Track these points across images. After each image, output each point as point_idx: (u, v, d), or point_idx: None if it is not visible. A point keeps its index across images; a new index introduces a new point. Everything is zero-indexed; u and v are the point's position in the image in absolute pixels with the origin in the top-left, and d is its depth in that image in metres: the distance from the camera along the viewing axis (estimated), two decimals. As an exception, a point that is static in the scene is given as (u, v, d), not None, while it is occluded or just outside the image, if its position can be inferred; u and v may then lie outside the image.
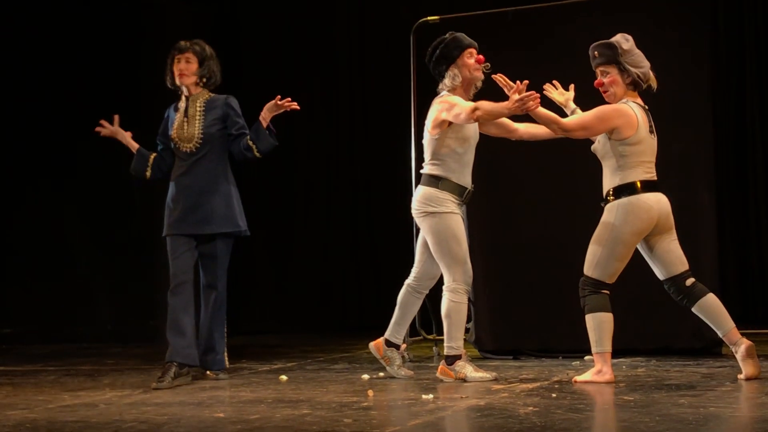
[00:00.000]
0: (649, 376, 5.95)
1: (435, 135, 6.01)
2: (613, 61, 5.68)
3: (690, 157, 6.81)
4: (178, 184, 6.34)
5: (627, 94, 5.71)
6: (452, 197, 5.98)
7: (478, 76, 6.04)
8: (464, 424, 4.63)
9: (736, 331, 5.63)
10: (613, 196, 5.64)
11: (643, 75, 5.68)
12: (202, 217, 6.28)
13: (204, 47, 6.41)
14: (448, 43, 6.07)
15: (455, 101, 5.92)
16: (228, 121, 6.38)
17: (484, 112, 5.80)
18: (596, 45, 5.74)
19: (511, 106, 5.69)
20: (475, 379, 5.88)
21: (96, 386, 6.21)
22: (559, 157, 7.08)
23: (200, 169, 6.32)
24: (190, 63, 6.36)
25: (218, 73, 6.46)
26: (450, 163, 6.00)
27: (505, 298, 7.27)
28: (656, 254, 5.70)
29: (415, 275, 6.25)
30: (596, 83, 5.75)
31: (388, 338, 6.31)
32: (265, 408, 5.04)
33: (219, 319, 6.42)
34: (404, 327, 6.32)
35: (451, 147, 5.98)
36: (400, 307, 6.29)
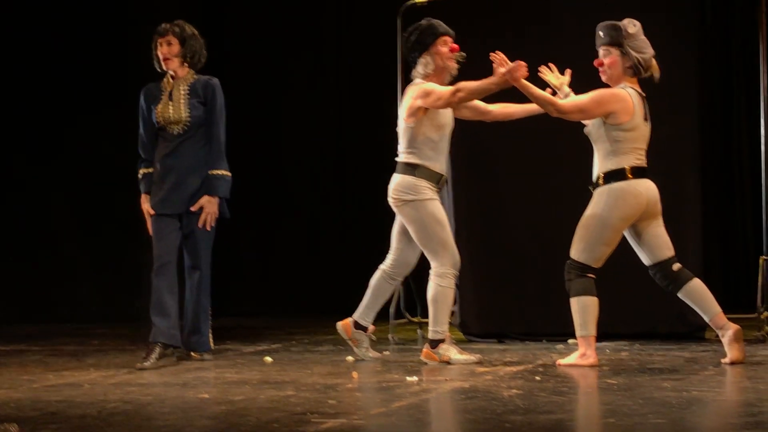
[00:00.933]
0: (632, 359, 5.98)
1: (411, 123, 5.99)
2: (615, 43, 5.67)
3: (676, 141, 6.82)
4: (164, 165, 6.31)
5: (625, 79, 5.70)
6: (429, 184, 5.97)
7: (450, 65, 6.01)
8: (448, 407, 4.65)
9: (722, 315, 5.66)
10: (604, 181, 5.65)
11: (644, 61, 5.67)
12: (186, 196, 6.26)
13: (184, 27, 6.35)
14: (423, 30, 6.05)
15: (431, 88, 5.90)
16: (206, 107, 6.33)
17: (468, 92, 5.79)
18: (602, 25, 5.73)
19: (498, 79, 5.68)
20: (459, 361, 5.89)
21: (80, 366, 6.20)
22: (545, 143, 7.10)
23: (186, 150, 6.30)
24: (172, 45, 6.31)
25: (202, 52, 6.41)
26: (426, 150, 5.98)
27: (490, 282, 7.28)
28: (643, 240, 5.71)
29: (391, 262, 6.24)
30: (596, 62, 5.75)
31: (357, 320, 6.29)
32: (250, 389, 5.04)
33: (204, 300, 6.40)
34: (374, 311, 6.31)
35: (427, 135, 5.97)
36: (372, 292, 6.27)
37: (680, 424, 3.95)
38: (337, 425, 4.05)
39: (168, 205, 6.28)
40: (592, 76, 5.98)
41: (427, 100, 5.88)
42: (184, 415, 4.39)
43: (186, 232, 6.33)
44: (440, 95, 5.84)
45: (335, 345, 7.07)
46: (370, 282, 6.26)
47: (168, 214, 6.28)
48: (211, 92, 6.34)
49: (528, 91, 5.69)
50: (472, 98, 5.91)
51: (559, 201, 6.98)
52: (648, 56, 5.69)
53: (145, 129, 6.40)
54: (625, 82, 5.70)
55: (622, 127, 5.60)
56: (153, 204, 6.31)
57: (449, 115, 6.06)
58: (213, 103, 6.34)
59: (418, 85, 5.99)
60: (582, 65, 6.14)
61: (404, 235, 6.14)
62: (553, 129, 6.83)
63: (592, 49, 6.03)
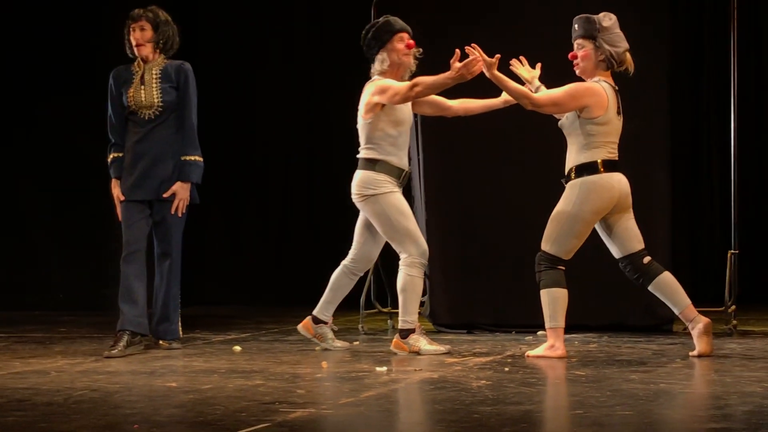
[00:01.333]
0: (600, 351, 6.00)
1: (368, 119, 6.01)
2: (589, 36, 5.68)
3: (646, 135, 6.85)
4: (134, 151, 6.26)
5: (598, 72, 5.71)
6: (389, 179, 5.99)
7: (406, 61, 6.03)
8: (417, 397, 4.65)
9: (692, 308, 5.69)
10: (576, 174, 5.66)
11: (617, 55, 5.68)
12: (157, 182, 6.23)
13: (158, 13, 6.31)
14: (379, 27, 6.09)
15: (388, 84, 5.94)
16: (178, 92, 6.29)
17: (425, 86, 5.83)
18: (577, 18, 5.75)
19: (455, 74, 5.72)
20: (428, 352, 5.90)
21: (47, 354, 6.17)
22: (516, 135, 7.11)
23: (157, 136, 6.25)
24: (145, 31, 6.27)
25: (175, 38, 6.36)
26: (385, 146, 6.00)
27: (460, 273, 7.28)
28: (614, 233, 5.73)
29: (353, 257, 6.25)
30: (570, 55, 5.77)
31: (316, 315, 6.29)
32: (218, 378, 5.03)
33: (173, 288, 6.37)
34: (334, 306, 6.32)
35: (385, 130, 5.99)
36: (332, 288, 6.27)
37: (648, 416, 3.97)
38: (306, 415, 4.05)
39: (138, 192, 6.24)
40: (561, 69, 6.00)
41: (383, 96, 5.91)
42: (151, 404, 4.37)
43: (157, 218, 6.30)
44: (397, 90, 5.87)
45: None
46: (332, 278, 6.28)
47: (138, 200, 6.24)
48: (184, 76, 6.30)
49: (503, 84, 5.70)
50: (430, 93, 5.94)
51: (529, 193, 7.00)
52: (621, 50, 5.70)
53: (115, 112, 6.35)
54: (598, 76, 5.71)
55: (596, 121, 5.62)
56: (123, 190, 6.27)
57: (407, 110, 6.08)
58: (185, 88, 6.30)
59: (375, 82, 6.03)
60: (550, 58, 6.16)
61: (366, 230, 6.17)
62: (524, 121, 6.84)
63: (561, 43, 6.04)
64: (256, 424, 3.83)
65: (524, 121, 6.78)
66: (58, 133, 9.70)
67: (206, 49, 10.32)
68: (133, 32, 6.29)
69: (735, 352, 5.90)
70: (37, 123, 9.82)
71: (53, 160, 9.80)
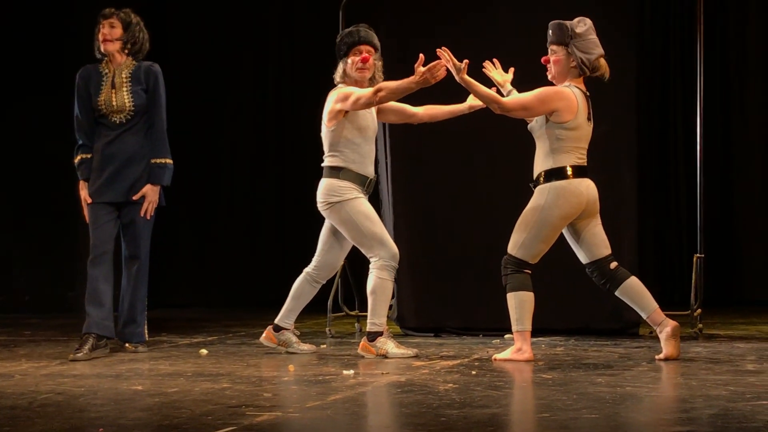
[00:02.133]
0: (567, 355, 6.02)
1: (331, 127, 6.02)
2: (561, 42, 5.69)
3: (613, 139, 6.87)
4: (103, 153, 6.23)
5: (570, 78, 5.72)
6: (354, 185, 5.99)
7: (355, 75, 6.06)
8: (384, 400, 4.65)
9: (659, 312, 5.71)
10: (544, 179, 5.67)
11: (587, 61, 5.68)
12: (126, 185, 6.20)
13: (129, 14, 6.30)
14: (342, 37, 6.17)
15: (350, 91, 5.96)
16: (148, 95, 6.27)
17: (389, 91, 5.84)
18: (552, 23, 5.75)
19: (418, 78, 5.74)
20: (396, 355, 5.90)
21: (12, 357, 6.12)
22: (483, 140, 7.12)
23: (127, 139, 6.22)
24: (114, 28, 6.24)
25: (145, 43, 6.34)
26: (348, 153, 6.01)
27: (428, 276, 7.29)
28: (581, 238, 5.75)
29: (316, 264, 6.25)
30: (543, 59, 5.77)
31: (277, 323, 6.27)
32: (185, 381, 5.01)
33: (141, 291, 6.34)
34: (295, 313, 6.29)
35: (348, 138, 6.00)
36: (293, 296, 6.25)
37: (614, 419, 3.98)
38: (272, 418, 4.04)
39: (107, 194, 6.20)
40: (533, 73, 6.01)
41: (346, 102, 5.93)
42: (116, 407, 4.35)
43: (125, 221, 6.26)
44: (359, 96, 5.89)
45: (271, 338, 7.02)
46: (293, 286, 6.26)
47: (106, 202, 6.21)
48: (154, 78, 6.28)
49: (472, 88, 5.70)
50: (393, 97, 5.94)
51: (496, 197, 7.02)
52: (594, 56, 5.70)
53: (84, 113, 6.30)
54: (570, 81, 5.71)
55: (565, 126, 5.62)
56: (91, 192, 6.23)
57: (371, 117, 6.09)
58: (155, 90, 6.28)
59: (337, 89, 6.06)
60: (522, 61, 6.18)
61: (331, 237, 6.17)
62: (491, 127, 6.85)
63: (533, 46, 6.06)
64: (223, 428, 3.81)
65: (491, 125, 6.79)
66: (23, 133, 9.63)
67: (176, 52, 10.28)
68: (102, 28, 6.26)
69: (701, 355, 5.93)
70: (1, 123, 9.75)
71: (18, 161, 9.73)
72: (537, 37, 6.02)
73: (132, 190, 6.21)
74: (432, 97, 6.22)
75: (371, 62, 6.07)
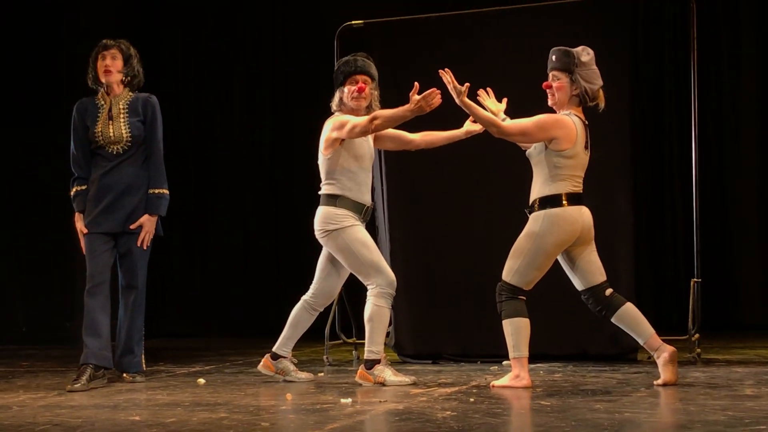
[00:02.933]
0: (565, 381, 6.01)
1: (327, 155, 6.05)
2: (566, 69, 5.69)
3: (608, 164, 6.88)
4: (100, 183, 6.24)
5: (570, 106, 5.73)
6: (351, 213, 6.01)
7: (351, 104, 6.09)
8: (383, 428, 4.63)
9: (656, 337, 5.70)
10: (539, 206, 5.67)
11: (590, 91, 5.69)
12: (123, 215, 6.21)
13: (129, 46, 6.36)
14: (339, 66, 6.20)
15: (346, 119, 5.99)
16: (145, 126, 6.29)
17: (384, 119, 5.86)
18: (556, 49, 5.75)
19: (413, 107, 5.76)
20: (394, 383, 5.89)
21: (9, 388, 6.11)
22: (480, 166, 7.14)
23: (124, 170, 6.24)
24: (116, 60, 6.29)
25: (141, 76, 6.39)
26: (345, 181, 6.03)
27: (425, 303, 7.29)
28: (576, 265, 5.75)
29: (313, 292, 6.25)
30: (544, 84, 5.77)
31: (275, 351, 6.27)
32: (182, 411, 5.00)
33: (138, 321, 6.34)
34: (293, 341, 6.30)
35: (345, 166, 6.02)
36: (291, 324, 6.26)
37: (612, 445, 3.97)
38: (270, 447, 4.02)
39: (103, 224, 6.21)
40: (524, 99, 6.04)
41: (342, 131, 5.95)
42: (114, 438, 4.33)
43: (122, 251, 6.27)
44: (355, 124, 5.91)
45: (269, 366, 7.01)
46: (291, 314, 6.26)
47: (103, 232, 6.21)
48: (151, 110, 6.31)
49: (472, 111, 5.72)
50: (389, 125, 5.97)
51: (493, 223, 7.03)
52: (596, 87, 5.71)
53: (78, 146, 6.32)
54: (570, 109, 5.72)
55: (563, 154, 5.63)
56: (87, 222, 6.24)
57: (367, 145, 6.11)
58: (153, 121, 6.31)
59: (333, 117, 6.09)
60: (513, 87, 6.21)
61: (328, 265, 6.18)
62: (488, 153, 6.88)
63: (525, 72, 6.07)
64: (221, 458, 3.80)
65: (488, 151, 6.82)
66: (21, 164, 9.65)
67: (169, 80, 10.32)
68: (102, 59, 6.28)
69: (699, 380, 5.93)
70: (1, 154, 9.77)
71: (14, 192, 9.74)
72: (530, 61, 6.04)
73: (129, 220, 6.22)
74: (429, 123, 6.24)
75: (368, 92, 6.10)
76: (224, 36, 10.44)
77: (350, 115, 6.03)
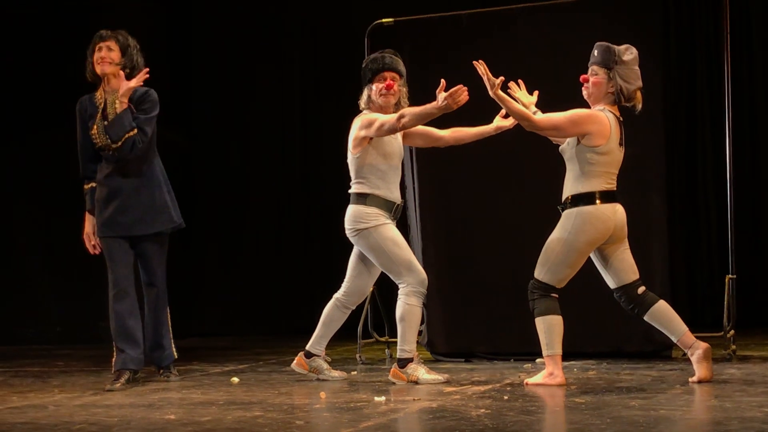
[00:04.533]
0: (599, 378, 5.99)
1: (356, 153, 6.04)
2: (605, 65, 5.65)
3: (642, 162, 6.84)
4: (107, 186, 6.17)
5: (605, 102, 5.69)
6: (381, 212, 6.00)
7: (380, 101, 6.08)
8: (416, 426, 4.63)
9: (689, 334, 5.67)
10: (572, 203, 5.64)
11: (626, 91, 5.64)
12: (133, 218, 6.15)
13: (127, 37, 6.19)
14: (367, 64, 6.18)
15: (374, 117, 5.98)
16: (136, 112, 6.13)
17: (411, 117, 5.85)
18: (599, 44, 5.71)
19: (440, 104, 5.73)
20: (427, 381, 5.88)
21: (45, 388, 6.15)
22: (511, 163, 7.12)
23: (127, 170, 6.14)
24: (112, 51, 6.12)
25: (141, 65, 6.18)
26: (374, 180, 6.02)
27: (458, 301, 7.28)
28: (609, 263, 5.72)
29: (345, 290, 6.26)
30: (582, 77, 5.73)
31: (308, 350, 6.29)
32: (217, 410, 5.01)
33: (162, 316, 6.34)
34: (326, 340, 6.32)
35: (374, 164, 6.02)
36: (324, 322, 6.28)
37: (648, 442, 3.95)
38: (305, 446, 4.03)
39: (114, 228, 6.16)
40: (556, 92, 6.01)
41: (370, 129, 5.95)
42: (150, 437, 4.35)
43: (138, 251, 6.24)
44: (383, 122, 5.91)
45: (302, 365, 7.02)
46: (324, 312, 6.28)
47: (116, 236, 6.17)
48: (147, 105, 6.13)
49: (505, 104, 5.69)
50: (417, 123, 5.95)
51: (525, 221, 7.00)
52: (633, 87, 5.65)
53: (82, 146, 6.23)
54: (604, 105, 5.69)
55: (597, 150, 5.60)
56: (100, 225, 6.19)
57: (396, 143, 6.10)
58: (139, 113, 6.09)
59: (361, 116, 6.08)
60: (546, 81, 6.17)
61: (361, 263, 6.18)
62: (518, 149, 6.86)
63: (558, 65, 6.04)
64: (255, 456, 3.81)
65: (519, 147, 6.80)
66: (50, 167, 9.71)
67: (199, 81, 10.36)
68: (98, 51, 6.13)
69: (735, 377, 5.88)
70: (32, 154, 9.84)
71: (47, 196, 9.81)
72: (561, 57, 6.02)
73: (136, 224, 6.16)
74: (459, 119, 6.22)
75: (396, 89, 6.09)
76: (254, 35, 10.45)
77: (378, 113, 6.03)
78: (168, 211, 6.24)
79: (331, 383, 6.08)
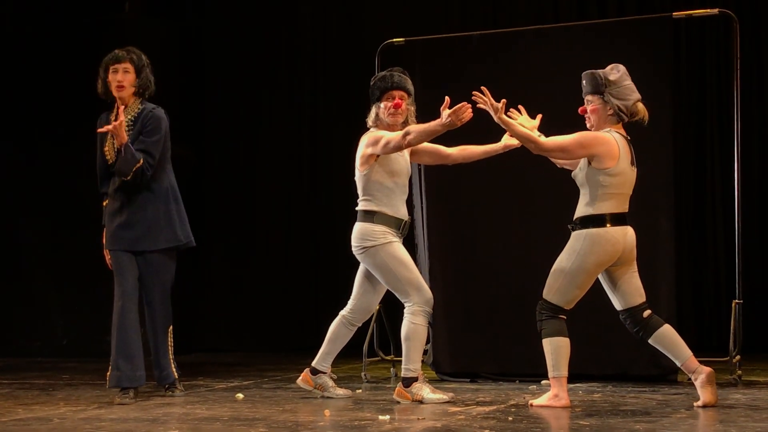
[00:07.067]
0: (605, 401, 5.98)
1: (363, 171, 6.06)
2: (596, 91, 5.69)
3: (650, 182, 6.84)
4: (116, 201, 6.22)
5: (609, 125, 5.71)
6: (388, 229, 6.01)
7: (387, 120, 6.10)
8: (420, 446, 4.63)
9: (694, 359, 5.66)
10: (581, 225, 5.65)
11: (625, 108, 5.67)
12: (139, 234, 6.18)
13: (140, 56, 6.25)
14: (375, 82, 6.20)
15: (380, 134, 6.01)
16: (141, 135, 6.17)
17: (416, 134, 5.87)
18: (584, 74, 5.75)
19: (445, 121, 5.76)
20: (432, 400, 5.88)
21: (50, 401, 6.15)
22: (520, 182, 7.12)
23: (135, 185, 6.17)
24: (128, 73, 6.19)
25: (153, 83, 6.28)
26: (381, 197, 6.04)
27: (464, 321, 7.27)
28: (616, 286, 5.73)
29: (351, 308, 6.27)
30: (580, 110, 5.77)
31: (314, 366, 6.29)
32: (221, 426, 5.01)
33: (160, 335, 6.33)
34: (332, 356, 6.32)
35: (381, 181, 6.03)
36: (330, 339, 6.28)
37: (652, 466, 3.94)
38: (308, 463, 4.02)
39: (119, 243, 6.19)
40: (567, 111, 6.02)
41: (377, 146, 5.98)
42: (153, 452, 4.35)
43: (142, 268, 6.25)
44: (389, 140, 5.94)
45: (307, 382, 7.02)
46: (330, 329, 6.28)
47: (122, 249, 6.20)
48: (153, 123, 6.17)
49: (510, 127, 5.72)
50: (422, 140, 5.97)
51: (533, 241, 7.00)
52: (631, 102, 5.68)
53: (98, 162, 6.32)
54: (609, 127, 5.71)
55: (608, 172, 5.60)
56: (107, 239, 6.24)
57: (403, 161, 6.12)
58: (150, 132, 6.14)
59: (368, 133, 6.10)
60: (557, 100, 6.18)
61: (367, 281, 6.19)
62: (527, 168, 6.86)
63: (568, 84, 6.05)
64: (259, 473, 3.81)
65: (527, 165, 6.80)
66: (57, 179, 9.73)
67: (211, 97, 10.38)
68: (114, 73, 6.19)
69: (740, 402, 5.87)
70: (37, 169, 9.87)
71: (53, 209, 9.82)
72: (572, 78, 6.02)
73: (144, 238, 6.18)
74: (468, 137, 6.23)
75: (404, 107, 6.11)
76: (265, 52, 10.48)
77: (385, 131, 6.04)
78: (173, 228, 6.25)
79: (335, 401, 6.08)
